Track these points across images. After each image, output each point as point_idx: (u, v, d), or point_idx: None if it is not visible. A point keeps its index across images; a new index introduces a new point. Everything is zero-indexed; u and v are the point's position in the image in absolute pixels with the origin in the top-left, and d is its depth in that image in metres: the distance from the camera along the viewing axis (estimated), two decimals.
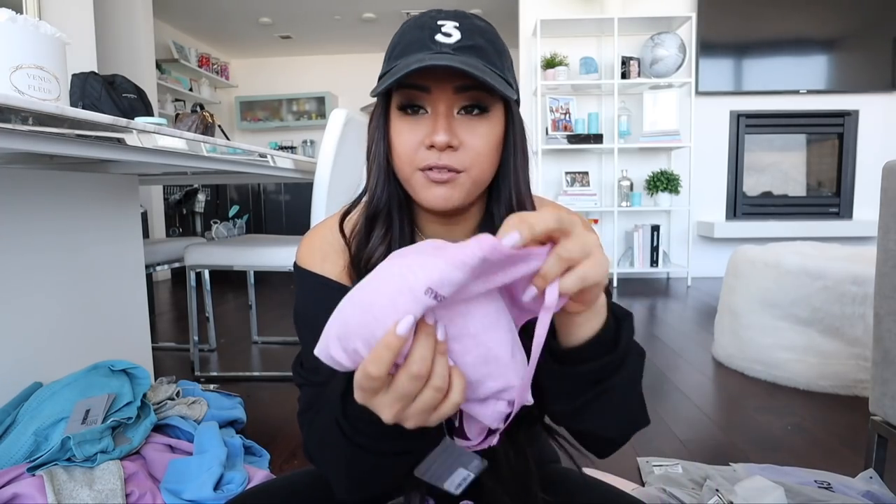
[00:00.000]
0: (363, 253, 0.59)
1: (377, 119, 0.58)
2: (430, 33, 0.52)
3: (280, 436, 1.47)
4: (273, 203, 4.96)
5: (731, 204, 4.15)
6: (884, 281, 1.09)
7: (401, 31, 0.56)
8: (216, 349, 2.37)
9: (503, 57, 0.56)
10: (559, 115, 4.02)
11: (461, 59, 0.50)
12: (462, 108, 0.53)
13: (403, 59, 0.52)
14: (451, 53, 0.51)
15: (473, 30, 0.53)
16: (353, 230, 0.62)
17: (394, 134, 0.55)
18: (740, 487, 1.07)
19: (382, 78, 0.54)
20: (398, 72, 0.50)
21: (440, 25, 0.52)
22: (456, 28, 0.52)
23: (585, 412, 0.48)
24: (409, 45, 0.53)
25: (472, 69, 0.49)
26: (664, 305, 3.30)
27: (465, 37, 0.52)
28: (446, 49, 0.51)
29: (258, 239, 2.16)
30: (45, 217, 1.29)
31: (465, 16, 0.54)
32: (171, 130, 1.14)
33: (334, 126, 1.72)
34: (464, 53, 0.51)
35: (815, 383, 1.77)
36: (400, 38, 0.55)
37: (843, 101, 4.02)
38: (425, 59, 0.49)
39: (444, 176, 0.53)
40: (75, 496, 0.96)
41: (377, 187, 0.59)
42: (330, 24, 5.35)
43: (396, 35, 0.56)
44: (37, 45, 0.98)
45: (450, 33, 0.52)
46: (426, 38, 0.52)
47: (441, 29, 0.52)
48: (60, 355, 1.31)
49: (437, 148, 0.52)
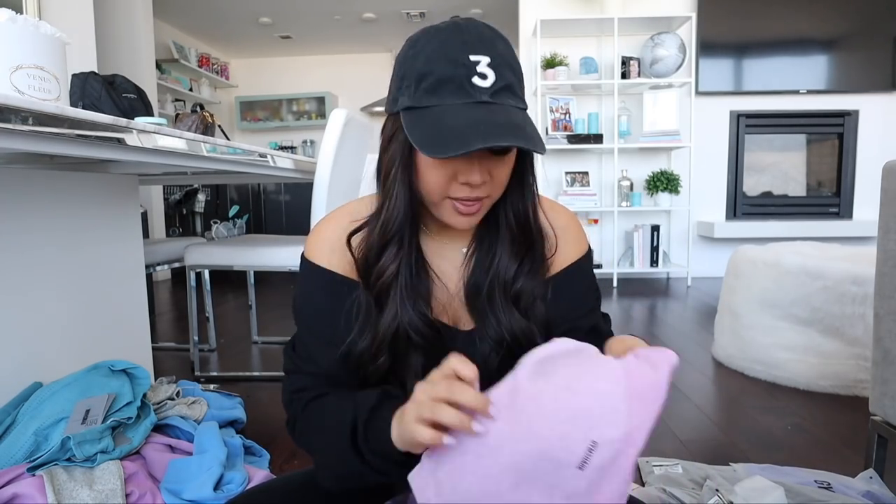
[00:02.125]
0: (374, 269, 0.61)
1: (399, 146, 0.57)
2: (466, 73, 0.52)
3: (280, 436, 1.47)
4: (273, 203, 4.96)
5: (731, 204, 4.15)
6: (884, 281, 1.09)
7: (428, 57, 0.53)
8: (216, 349, 2.37)
9: (522, 80, 0.57)
10: (559, 115, 4.02)
11: (505, 116, 0.52)
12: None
13: (439, 98, 0.52)
14: (490, 103, 0.52)
15: (502, 62, 0.53)
16: (361, 243, 0.62)
17: (424, 169, 0.56)
18: (740, 487, 1.07)
19: (416, 112, 0.53)
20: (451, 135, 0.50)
21: (474, 63, 0.52)
22: (489, 66, 0.52)
23: None
24: (443, 82, 0.52)
25: (524, 137, 0.50)
26: (664, 305, 3.30)
27: (498, 76, 0.52)
28: (485, 95, 0.52)
29: (258, 239, 2.16)
30: (46, 217, 1.29)
31: (491, 43, 0.54)
32: (171, 130, 1.14)
33: (334, 126, 1.72)
34: (500, 96, 0.53)
35: (815, 383, 1.77)
36: (428, 67, 0.53)
37: (843, 101, 4.02)
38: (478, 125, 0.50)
39: (474, 207, 0.57)
40: (75, 496, 0.96)
41: (396, 210, 0.59)
42: (330, 24, 5.35)
43: (420, 58, 0.54)
44: (37, 45, 0.98)
45: (485, 74, 0.52)
46: (462, 78, 0.52)
47: (476, 68, 0.52)
48: (60, 355, 1.31)
49: (471, 185, 0.55)
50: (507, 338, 0.62)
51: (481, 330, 0.64)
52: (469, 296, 0.65)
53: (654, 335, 2.56)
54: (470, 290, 0.65)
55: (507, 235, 0.63)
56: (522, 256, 0.63)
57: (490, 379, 0.57)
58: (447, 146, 0.49)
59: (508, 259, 0.63)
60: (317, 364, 0.64)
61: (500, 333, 0.62)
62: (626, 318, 2.94)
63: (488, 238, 0.65)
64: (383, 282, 0.60)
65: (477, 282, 0.64)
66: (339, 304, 0.63)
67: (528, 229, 0.63)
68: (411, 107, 0.54)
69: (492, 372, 0.60)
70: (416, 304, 0.60)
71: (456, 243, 0.66)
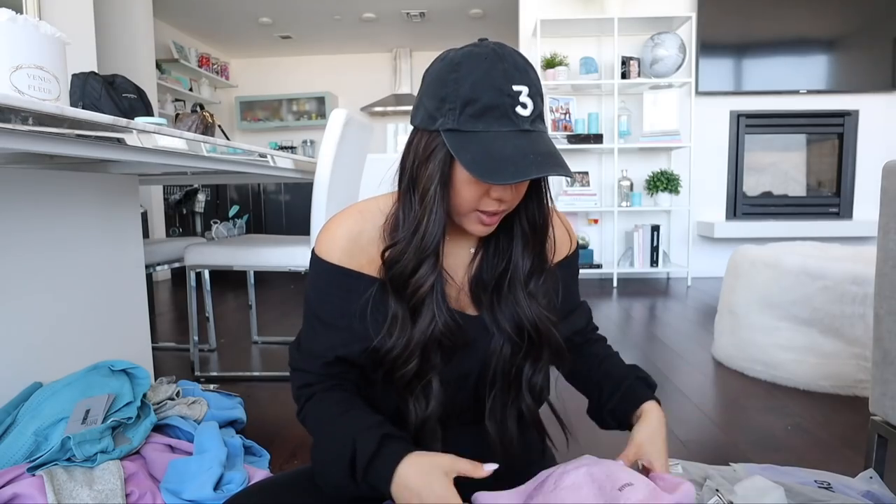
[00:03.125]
0: (411, 282, 0.63)
1: (440, 166, 0.60)
2: (511, 102, 0.56)
3: (280, 436, 1.47)
4: (273, 203, 4.96)
5: (731, 204, 4.15)
6: (884, 281, 1.09)
7: (472, 82, 0.56)
8: (216, 349, 2.37)
9: (544, 104, 0.62)
10: (559, 115, 4.02)
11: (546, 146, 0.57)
12: None
13: (485, 124, 0.56)
14: (530, 131, 0.57)
15: (536, 92, 0.58)
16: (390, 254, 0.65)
17: (460, 184, 0.60)
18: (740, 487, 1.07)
19: (463, 135, 0.57)
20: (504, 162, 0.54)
21: (517, 93, 0.57)
22: (528, 96, 0.57)
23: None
24: (489, 108, 0.56)
25: (564, 167, 0.56)
26: (664, 305, 3.29)
27: (534, 105, 0.58)
28: (526, 124, 0.57)
29: (258, 239, 2.16)
30: (46, 217, 1.29)
31: (527, 73, 0.58)
32: (171, 130, 1.14)
33: (334, 126, 1.72)
34: (536, 124, 0.58)
35: (815, 383, 1.77)
36: (475, 94, 0.56)
37: (843, 101, 4.02)
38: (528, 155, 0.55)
39: (497, 218, 0.63)
40: (75, 496, 0.96)
41: (435, 227, 0.62)
42: (330, 24, 5.35)
43: (466, 84, 0.57)
44: (37, 45, 0.98)
45: (525, 104, 0.57)
46: (507, 107, 0.56)
47: (518, 98, 0.57)
48: (60, 355, 1.31)
49: (501, 201, 0.61)
50: (527, 325, 0.68)
51: (489, 317, 0.69)
52: (475, 289, 0.70)
53: (654, 335, 2.56)
54: (477, 284, 0.70)
55: (521, 236, 0.69)
56: (536, 254, 0.69)
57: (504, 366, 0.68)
58: (502, 173, 0.54)
59: (523, 257, 0.69)
60: (323, 359, 0.67)
61: (520, 321, 0.68)
62: (627, 318, 2.94)
63: (495, 238, 0.69)
64: (421, 294, 0.63)
65: (484, 277, 0.70)
66: (353, 299, 0.66)
67: (543, 231, 0.69)
68: (456, 129, 0.57)
69: (505, 358, 0.68)
70: (448, 309, 0.65)
71: (464, 242, 0.71)
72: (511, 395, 0.70)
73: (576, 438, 1.43)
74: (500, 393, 0.69)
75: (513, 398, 0.70)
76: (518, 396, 0.69)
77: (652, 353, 2.24)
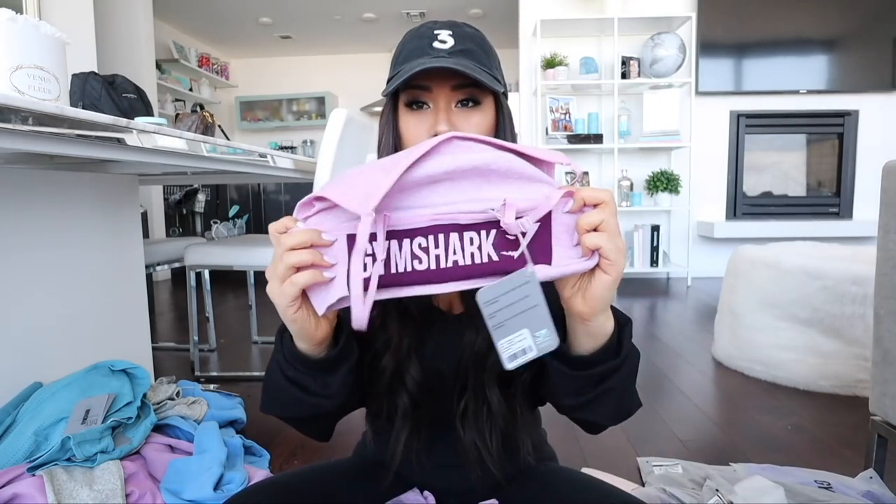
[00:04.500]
0: None
1: (387, 115, 0.66)
2: (429, 41, 0.61)
3: (280, 436, 1.47)
4: (273, 203, 4.96)
5: (731, 204, 4.15)
6: (884, 281, 1.09)
7: (403, 41, 0.64)
8: (216, 349, 2.37)
9: (491, 56, 0.64)
10: (559, 115, 4.02)
11: (455, 61, 0.58)
12: (458, 102, 0.61)
13: (407, 63, 0.60)
14: (446, 57, 0.59)
15: (464, 36, 0.62)
16: None
17: (402, 126, 0.64)
18: (740, 487, 1.07)
19: (390, 80, 0.62)
20: (404, 74, 0.58)
21: (436, 34, 0.61)
22: (450, 35, 0.61)
23: (589, 405, 0.56)
24: (410, 52, 0.61)
25: (465, 69, 0.57)
26: (664, 305, 3.30)
27: (457, 42, 0.61)
28: (443, 54, 0.60)
29: (258, 239, 2.16)
30: (45, 217, 1.29)
31: (457, 24, 0.63)
32: (171, 130, 1.14)
33: (334, 126, 1.72)
34: (457, 56, 0.60)
35: (815, 383, 1.77)
36: (402, 47, 0.63)
37: (843, 101, 4.02)
38: (426, 63, 0.57)
39: None
40: (75, 496, 0.96)
41: None
42: (330, 24, 5.35)
43: (399, 45, 0.65)
44: (37, 45, 0.98)
45: (445, 40, 0.61)
46: (425, 45, 0.61)
47: (437, 37, 0.61)
48: (60, 355, 1.31)
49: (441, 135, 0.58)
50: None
51: (469, 312, 0.65)
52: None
53: (654, 335, 2.56)
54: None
55: None
56: None
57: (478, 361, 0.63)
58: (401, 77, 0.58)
59: None
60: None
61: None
62: None
63: None
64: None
65: None
66: None
67: None
68: (389, 78, 0.63)
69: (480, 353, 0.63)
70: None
71: None
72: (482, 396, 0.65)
73: (576, 438, 1.43)
74: (473, 393, 0.65)
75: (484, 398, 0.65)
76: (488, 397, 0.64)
77: (652, 353, 2.24)
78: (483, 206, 0.47)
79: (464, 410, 0.66)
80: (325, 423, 0.65)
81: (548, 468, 0.73)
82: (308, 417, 0.60)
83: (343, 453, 0.81)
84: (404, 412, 0.65)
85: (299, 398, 0.57)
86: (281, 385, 0.57)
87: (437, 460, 0.71)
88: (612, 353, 0.53)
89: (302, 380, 0.56)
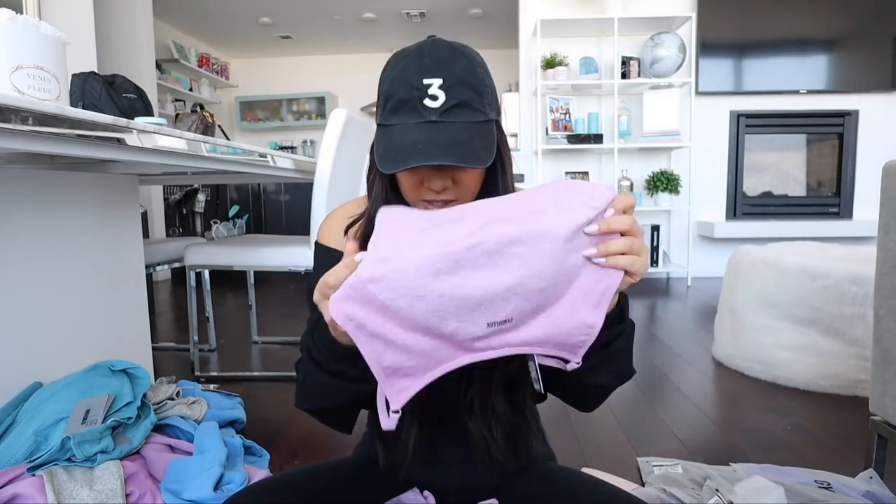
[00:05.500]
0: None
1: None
2: (419, 96, 0.58)
3: (280, 436, 1.47)
4: (273, 203, 4.96)
5: (731, 204, 4.15)
6: (884, 281, 1.09)
7: (391, 79, 0.61)
8: (216, 349, 2.37)
9: (484, 94, 0.61)
10: (559, 115, 4.02)
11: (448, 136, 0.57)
12: None
13: (398, 118, 0.59)
14: (437, 122, 0.58)
15: (455, 81, 0.59)
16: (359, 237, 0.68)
17: (400, 175, 0.63)
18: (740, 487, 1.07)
19: (382, 129, 0.61)
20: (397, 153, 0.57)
21: (426, 87, 0.58)
22: (440, 88, 0.58)
23: (596, 369, 0.61)
24: (400, 103, 0.59)
25: (458, 153, 0.56)
26: (664, 305, 3.30)
27: (448, 96, 0.58)
28: (434, 115, 0.58)
29: (258, 239, 2.16)
30: (45, 217, 1.29)
31: (446, 64, 0.59)
32: (171, 130, 1.14)
33: (334, 126, 1.72)
34: (451, 115, 0.58)
35: (815, 383, 1.77)
36: (391, 90, 0.60)
37: (843, 101, 4.02)
38: (418, 145, 0.57)
39: (442, 206, 0.63)
40: (75, 496, 0.96)
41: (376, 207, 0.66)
42: (330, 24, 5.35)
43: (387, 81, 0.61)
44: (37, 45, 0.98)
45: (436, 96, 0.58)
46: (416, 101, 0.58)
47: (427, 91, 0.58)
48: (60, 355, 1.31)
49: (434, 191, 0.61)
50: None
51: None
52: None
53: (654, 335, 2.56)
54: None
55: None
56: None
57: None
58: (393, 163, 0.57)
59: None
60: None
61: None
62: None
63: None
64: None
65: None
66: None
67: None
68: (380, 124, 0.62)
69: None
70: None
71: None
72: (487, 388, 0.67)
73: (576, 438, 1.43)
74: (479, 385, 0.67)
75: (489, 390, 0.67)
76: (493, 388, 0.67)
77: (652, 353, 2.24)
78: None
79: (470, 402, 0.67)
80: (355, 412, 0.69)
81: (548, 468, 0.74)
82: (345, 406, 0.64)
83: (343, 453, 0.81)
84: (412, 409, 0.65)
85: (341, 387, 0.61)
86: (323, 381, 0.61)
87: (441, 457, 0.71)
88: (617, 320, 0.60)
89: (343, 369, 0.59)
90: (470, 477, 0.73)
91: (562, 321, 0.52)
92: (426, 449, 0.68)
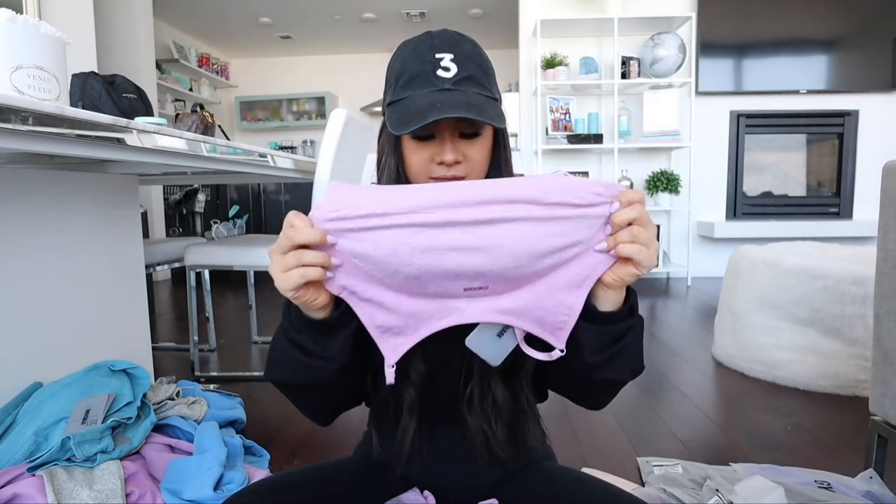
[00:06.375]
0: None
1: (388, 139, 0.68)
2: (431, 67, 0.61)
3: (280, 436, 1.47)
4: (273, 203, 4.96)
5: (731, 204, 4.15)
6: (884, 281, 1.09)
7: (402, 59, 0.63)
8: (216, 349, 2.37)
9: (490, 75, 0.65)
10: (559, 115, 4.02)
11: (464, 98, 0.59)
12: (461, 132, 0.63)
13: (411, 90, 0.61)
14: (452, 89, 0.60)
15: (465, 58, 0.62)
16: None
17: (407, 153, 0.65)
18: (740, 487, 1.07)
19: (394, 105, 0.62)
20: (413, 109, 0.59)
21: (438, 59, 0.61)
22: (452, 61, 0.61)
23: (607, 363, 0.61)
24: (413, 77, 0.61)
25: (475, 111, 0.58)
26: (664, 305, 3.30)
27: (460, 69, 0.61)
28: (448, 84, 0.60)
29: (258, 239, 2.16)
30: (45, 217, 1.29)
31: (455, 43, 0.63)
32: (171, 130, 1.14)
33: (334, 126, 1.72)
34: (463, 85, 0.61)
35: (815, 383, 1.77)
36: (402, 67, 0.63)
37: (843, 101, 4.02)
38: (436, 104, 0.58)
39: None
40: (75, 496, 0.96)
41: None
42: (330, 24, 5.35)
43: (397, 62, 0.64)
44: (37, 45, 0.98)
45: (448, 67, 0.61)
46: (429, 72, 0.61)
47: (440, 63, 0.61)
48: (60, 355, 1.31)
49: (446, 164, 0.62)
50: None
51: None
52: None
53: (654, 335, 2.56)
54: None
55: None
56: None
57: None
58: (410, 122, 0.58)
59: None
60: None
61: None
62: None
63: None
64: None
65: None
66: None
67: None
68: (391, 101, 0.63)
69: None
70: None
71: None
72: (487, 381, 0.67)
73: (576, 438, 1.43)
74: (479, 378, 0.67)
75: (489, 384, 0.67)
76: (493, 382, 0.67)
77: (652, 353, 2.24)
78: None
79: (469, 396, 0.67)
80: (324, 400, 0.67)
81: (548, 468, 0.74)
82: (307, 385, 0.62)
83: (343, 453, 0.81)
84: (410, 405, 0.65)
85: (300, 361, 0.59)
86: (284, 348, 0.60)
87: (441, 455, 0.71)
88: (627, 315, 0.61)
89: (304, 342, 0.59)
90: (469, 476, 0.73)
91: (541, 296, 0.56)
92: (425, 447, 0.68)
